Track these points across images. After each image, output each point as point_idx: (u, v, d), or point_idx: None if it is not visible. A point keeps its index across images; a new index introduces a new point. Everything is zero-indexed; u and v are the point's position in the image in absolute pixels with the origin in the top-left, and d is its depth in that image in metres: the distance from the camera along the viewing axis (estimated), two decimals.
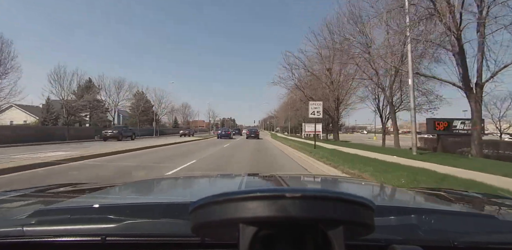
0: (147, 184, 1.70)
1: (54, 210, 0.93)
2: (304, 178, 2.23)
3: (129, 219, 0.76)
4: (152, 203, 1.05)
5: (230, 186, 1.61)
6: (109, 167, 7.91)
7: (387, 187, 1.90)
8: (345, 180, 2.33)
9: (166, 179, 1.93)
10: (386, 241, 0.68)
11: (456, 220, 0.86)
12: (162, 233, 0.74)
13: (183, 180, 1.97)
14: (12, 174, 6.46)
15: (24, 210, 1.01)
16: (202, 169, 7.89)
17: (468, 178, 5.22)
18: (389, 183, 4.36)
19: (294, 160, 10.53)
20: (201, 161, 9.65)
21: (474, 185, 4.58)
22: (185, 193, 1.48)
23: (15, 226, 0.74)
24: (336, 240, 0.45)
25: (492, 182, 4.82)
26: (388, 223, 0.77)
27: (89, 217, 0.82)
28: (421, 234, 0.74)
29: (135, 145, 16.51)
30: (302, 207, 0.43)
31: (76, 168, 7.61)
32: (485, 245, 0.74)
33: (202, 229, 0.50)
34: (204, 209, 0.47)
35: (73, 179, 5.90)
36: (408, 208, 0.95)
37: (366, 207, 0.46)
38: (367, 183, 2.15)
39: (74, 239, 0.73)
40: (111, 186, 1.57)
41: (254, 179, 1.78)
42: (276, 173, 1.89)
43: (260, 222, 0.45)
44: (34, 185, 1.85)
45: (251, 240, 0.44)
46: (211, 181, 1.84)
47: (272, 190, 0.46)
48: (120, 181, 3.22)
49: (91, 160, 9.22)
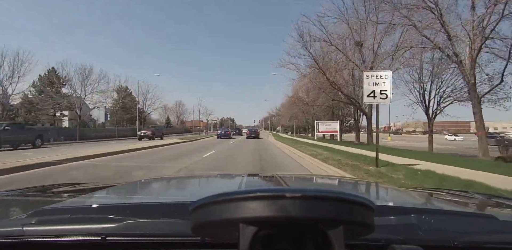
0: (147, 184, 1.70)
1: (54, 210, 0.93)
2: (304, 178, 2.23)
3: (129, 219, 0.76)
4: (152, 203, 1.05)
5: (230, 186, 1.62)
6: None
7: (387, 187, 1.90)
8: (345, 180, 2.33)
9: (166, 179, 1.93)
10: (386, 241, 0.68)
11: (456, 220, 0.86)
12: (162, 233, 0.74)
13: (183, 179, 1.96)
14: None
15: (24, 210, 1.01)
16: None
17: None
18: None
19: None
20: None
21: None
22: (185, 193, 1.48)
23: (15, 226, 0.74)
24: (336, 240, 0.45)
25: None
26: (388, 223, 0.76)
27: (89, 217, 0.82)
28: (421, 234, 0.74)
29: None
30: (302, 207, 0.43)
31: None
32: (485, 245, 0.74)
33: (202, 229, 0.50)
34: (204, 208, 0.47)
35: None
36: (408, 208, 0.95)
37: (366, 207, 0.46)
38: (367, 183, 2.15)
39: (74, 239, 0.73)
40: (111, 185, 1.57)
41: (254, 179, 1.78)
42: (276, 173, 1.89)
43: (260, 222, 0.45)
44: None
45: (251, 240, 0.44)
46: (211, 181, 1.85)
47: (272, 190, 0.46)
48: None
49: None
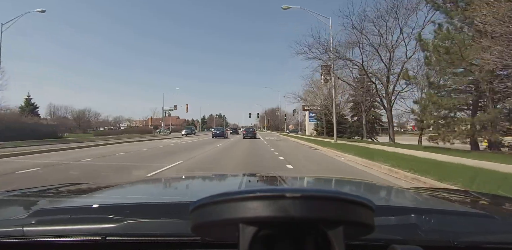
0: (147, 184, 1.70)
1: (54, 210, 0.93)
2: (304, 178, 2.23)
3: (129, 219, 0.76)
4: (152, 203, 1.05)
5: (230, 185, 1.62)
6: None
7: (387, 187, 1.90)
8: (346, 180, 2.33)
9: (166, 179, 1.94)
10: (386, 241, 0.68)
11: (456, 220, 0.86)
12: (162, 233, 0.74)
13: (183, 180, 1.97)
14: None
15: (24, 210, 1.01)
16: None
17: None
18: None
19: None
20: None
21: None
22: (185, 193, 1.48)
23: (15, 226, 0.74)
24: (336, 240, 0.44)
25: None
26: (388, 223, 0.76)
27: (89, 217, 0.82)
28: (421, 234, 0.74)
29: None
30: (302, 207, 0.43)
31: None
32: (485, 245, 0.74)
33: (202, 229, 0.50)
34: (204, 208, 0.47)
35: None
36: (408, 208, 0.95)
37: (366, 207, 0.46)
38: (367, 183, 2.15)
39: (74, 239, 0.73)
40: (111, 185, 1.57)
41: (254, 179, 1.78)
42: (276, 173, 1.89)
43: (260, 222, 0.45)
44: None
45: (251, 240, 0.44)
46: (211, 181, 1.85)
47: (272, 190, 0.46)
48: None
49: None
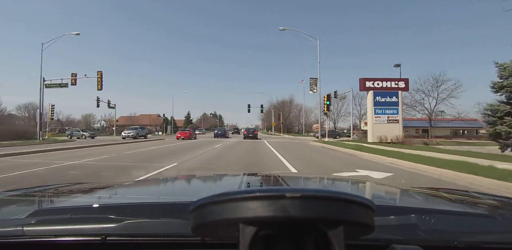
0: (147, 184, 1.70)
1: (54, 210, 0.93)
2: (304, 178, 2.23)
3: (129, 218, 0.76)
4: (152, 203, 1.05)
5: (230, 185, 1.62)
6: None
7: (387, 187, 1.90)
8: (346, 180, 2.33)
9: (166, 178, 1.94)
10: (386, 241, 0.68)
11: (456, 220, 0.86)
12: (162, 233, 0.74)
13: (184, 179, 1.97)
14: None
15: (24, 210, 1.01)
16: None
17: None
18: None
19: None
20: None
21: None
22: (185, 193, 1.48)
23: (15, 226, 0.74)
24: (336, 240, 0.44)
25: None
26: (388, 223, 0.76)
27: (89, 217, 0.81)
28: (421, 234, 0.74)
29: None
30: (302, 207, 0.43)
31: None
32: (485, 245, 0.74)
33: (202, 229, 0.50)
34: (204, 208, 0.47)
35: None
36: (408, 208, 0.95)
37: (366, 207, 0.46)
38: (367, 183, 2.15)
39: (74, 239, 0.73)
40: (111, 185, 1.57)
41: (254, 179, 1.78)
42: (276, 173, 1.89)
43: (260, 222, 0.45)
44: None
45: (251, 240, 0.44)
46: (211, 181, 1.85)
47: (272, 190, 0.46)
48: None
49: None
